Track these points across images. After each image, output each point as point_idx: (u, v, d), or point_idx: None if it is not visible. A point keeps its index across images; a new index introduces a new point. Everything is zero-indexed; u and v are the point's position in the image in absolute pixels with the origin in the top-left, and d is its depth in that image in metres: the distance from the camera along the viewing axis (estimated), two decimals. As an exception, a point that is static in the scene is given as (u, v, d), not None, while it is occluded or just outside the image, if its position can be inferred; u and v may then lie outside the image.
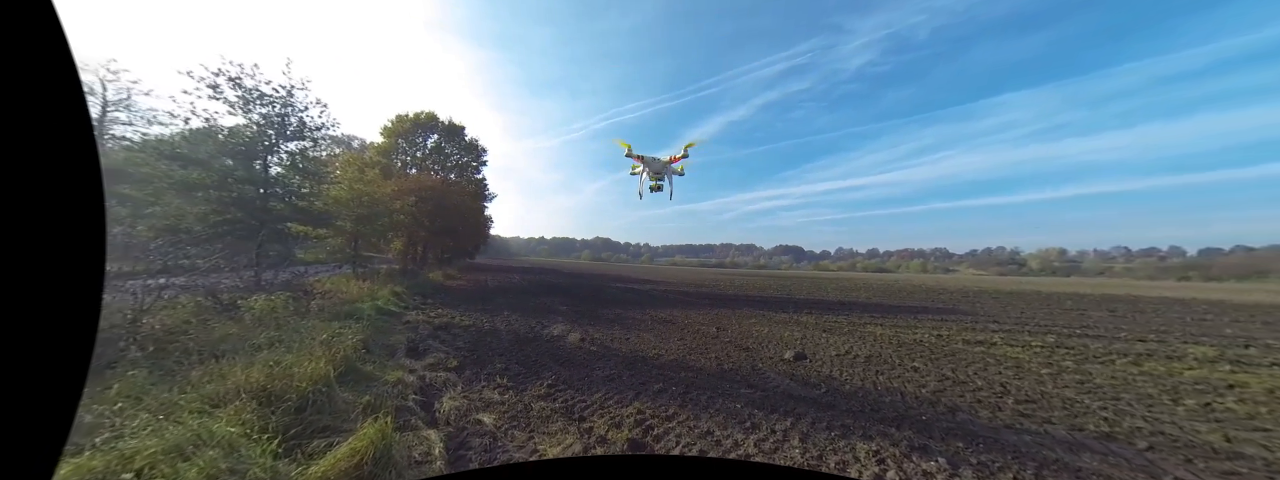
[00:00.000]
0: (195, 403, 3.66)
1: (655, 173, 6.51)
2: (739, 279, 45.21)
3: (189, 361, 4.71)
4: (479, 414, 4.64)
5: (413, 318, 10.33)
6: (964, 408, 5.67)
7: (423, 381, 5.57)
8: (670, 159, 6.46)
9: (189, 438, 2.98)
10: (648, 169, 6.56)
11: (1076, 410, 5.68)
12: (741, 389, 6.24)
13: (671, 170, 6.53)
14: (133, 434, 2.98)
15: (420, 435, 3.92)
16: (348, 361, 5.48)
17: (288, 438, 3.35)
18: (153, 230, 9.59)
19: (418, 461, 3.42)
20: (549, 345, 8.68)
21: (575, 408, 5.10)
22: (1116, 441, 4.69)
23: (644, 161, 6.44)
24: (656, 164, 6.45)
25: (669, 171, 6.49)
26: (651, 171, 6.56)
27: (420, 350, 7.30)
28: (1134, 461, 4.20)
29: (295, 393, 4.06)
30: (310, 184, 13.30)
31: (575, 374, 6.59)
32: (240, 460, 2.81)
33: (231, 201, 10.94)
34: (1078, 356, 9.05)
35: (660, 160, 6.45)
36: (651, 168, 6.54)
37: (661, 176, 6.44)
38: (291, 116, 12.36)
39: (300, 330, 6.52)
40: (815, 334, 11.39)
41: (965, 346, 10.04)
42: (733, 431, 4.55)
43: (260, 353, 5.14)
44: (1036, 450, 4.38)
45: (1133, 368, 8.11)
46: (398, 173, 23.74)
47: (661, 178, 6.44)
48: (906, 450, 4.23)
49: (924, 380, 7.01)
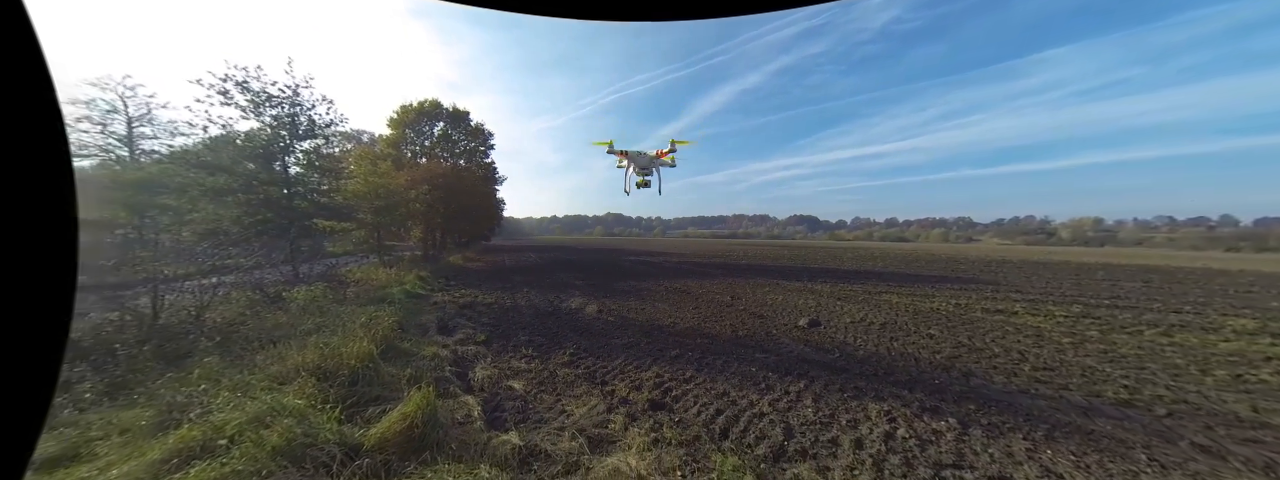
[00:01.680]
0: (264, 381, 4.19)
1: (641, 168, 6.29)
2: (752, 249, 45.17)
3: (251, 347, 5.30)
4: (509, 381, 5.11)
5: (439, 299, 10.98)
6: (979, 373, 5.72)
7: (455, 355, 6.09)
8: (657, 154, 6.19)
9: (265, 410, 3.46)
10: (633, 164, 6.34)
11: (1096, 378, 5.58)
12: (756, 354, 6.52)
13: (660, 164, 6.30)
14: (218, 409, 3.48)
15: (460, 401, 4.40)
16: (387, 340, 6.00)
17: (346, 407, 3.83)
18: (196, 235, 10.51)
19: (459, 423, 3.88)
20: (568, 318, 9.17)
21: (597, 373, 5.52)
22: (1135, 408, 4.62)
23: (628, 157, 6.19)
24: (642, 159, 6.21)
25: (657, 165, 6.25)
26: (638, 167, 6.34)
27: (450, 328, 7.87)
28: (1150, 427, 4.16)
29: (346, 369, 4.56)
30: (329, 180, 13.94)
31: (595, 343, 7.03)
32: (310, 427, 3.28)
33: (260, 203, 11.70)
34: (1104, 326, 8.70)
35: (646, 155, 6.17)
36: (637, 163, 6.32)
37: (649, 171, 6.23)
38: (301, 115, 12.74)
39: (341, 315, 7.11)
40: (830, 302, 11.48)
41: (984, 315, 9.90)
42: (748, 392, 4.85)
43: (310, 337, 5.69)
44: (1050, 414, 4.42)
45: (1162, 338, 7.76)
46: (408, 163, 24.02)
47: (649, 173, 6.24)
48: (918, 411, 4.39)
49: (939, 347, 7.06)
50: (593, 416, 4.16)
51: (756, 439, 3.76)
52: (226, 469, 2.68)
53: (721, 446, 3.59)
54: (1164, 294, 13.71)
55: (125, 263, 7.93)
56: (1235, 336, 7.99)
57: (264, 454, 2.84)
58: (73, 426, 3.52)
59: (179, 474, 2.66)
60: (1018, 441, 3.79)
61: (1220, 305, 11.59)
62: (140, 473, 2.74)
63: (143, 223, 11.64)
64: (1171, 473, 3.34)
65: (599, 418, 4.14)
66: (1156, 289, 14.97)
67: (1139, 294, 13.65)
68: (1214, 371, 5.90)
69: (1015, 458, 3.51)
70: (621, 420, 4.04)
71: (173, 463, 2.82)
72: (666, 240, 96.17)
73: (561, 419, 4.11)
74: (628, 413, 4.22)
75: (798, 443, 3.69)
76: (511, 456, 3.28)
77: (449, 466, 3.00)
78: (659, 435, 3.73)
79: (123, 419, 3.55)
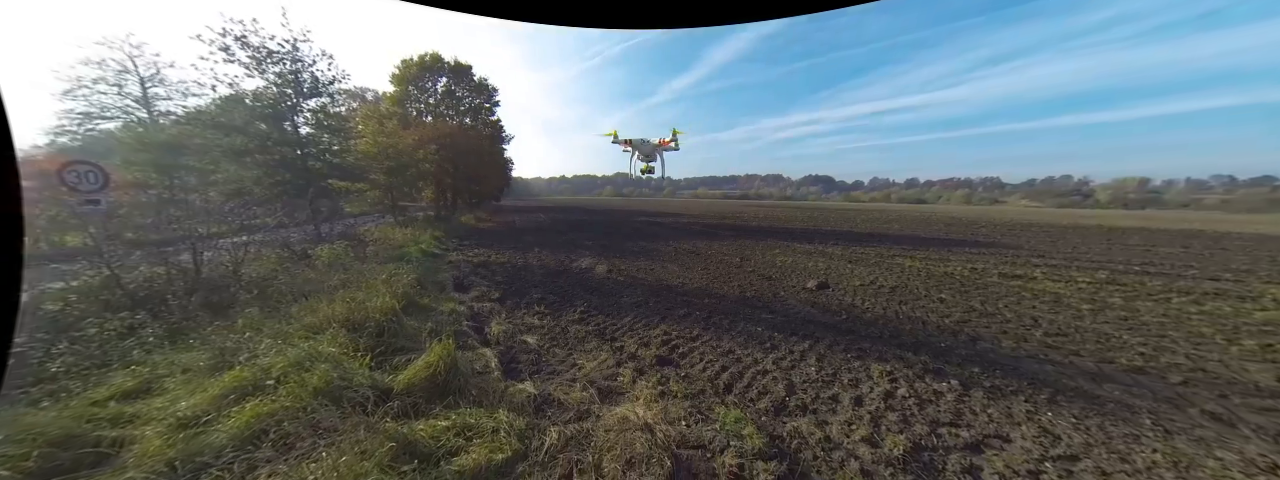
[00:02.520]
0: (300, 331, 4.53)
1: (645, 155, 6.67)
2: (764, 211, 44.21)
3: (285, 300, 5.67)
4: (523, 336, 5.41)
5: (454, 258, 11.36)
6: (986, 337, 5.68)
7: (472, 310, 6.42)
8: (660, 142, 6.50)
9: (303, 356, 3.77)
10: (638, 152, 6.70)
11: (1111, 345, 5.46)
12: (763, 314, 6.63)
13: (663, 151, 6.63)
14: (263, 354, 3.81)
15: (478, 352, 4.71)
16: (407, 296, 6.33)
17: (375, 355, 4.15)
18: (223, 195, 11.03)
19: (479, 372, 4.18)
20: (578, 277, 9.42)
21: (606, 330, 5.77)
22: (1148, 375, 4.54)
23: (632, 145, 6.61)
24: (646, 147, 6.61)
25: (660, 152, 6.62)
26: (641, 154, 6.72)
27: (465, 285, 8.22)
28: (1161, 394, 4.10)
29: (372, 322, 4.87)
30: (339, 141, 14.11)
31: (605, 301, 7.28)
32: (345, 372, 3.59)
33: (277, 164, 12.03)
34: (1128, 293, 8.36)
35: (650, 143, 6.54)
36: (641, 151, 6.71)
37: (652, 158, 6.62)
38: (303, 73, 12.64)
39: (363, 272, 7.46)
40: (840, 265, 11.34)
41: (1000, 280, 9.62)
42: (753, 351, 5.00)
43: (337, 292, 6.03)
44: (1056, 379, 4.39)
45: (1191, 306, 7.43)
46: (415, 121, 23.57)
47: (652, 159, 6.64)
48: (920, 372, 4.45)
49: (949, 311, 6.98)
50: (602, 370, 4.42)
51: (759, 394, 3.94)
52: (276, 405, 3.00)
53: (725, 400, 3.80)
54: (1204, 260, 12.93)
55: (161, 222, 8.35)
56: (1275, 305, 7.58)
57: (306, 393, 3.15)
58: (143, 365, 3.95)
59: (237, 407, 2.99)
60: (1019, 403, 3.85)
61: (1265, 273, 10.93)
62: (206, 405, 3.09)
63: (172, 183, 12.14)
64: (1175, 437, 3.37)
65: (608, 371, 4.39)
66: (1196, 255, 14.13)
67: (1175, 260, 12.92)
68: (1242, 341, 5.70)
69: (1014, 418, 3.59)
70: (630, 374, 4.28)
71: (230, 398, 3.16)
72: (677, 201, 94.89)
73: (573, 371, 4.38)
74: (636, 367, 4.46)
75: (799, 398, 3.86)
76: (527, 403, 3.56)
77: (471, 410, 3.28)
78: (665, 388, 3.96)
79: (183, 360, 3.94)
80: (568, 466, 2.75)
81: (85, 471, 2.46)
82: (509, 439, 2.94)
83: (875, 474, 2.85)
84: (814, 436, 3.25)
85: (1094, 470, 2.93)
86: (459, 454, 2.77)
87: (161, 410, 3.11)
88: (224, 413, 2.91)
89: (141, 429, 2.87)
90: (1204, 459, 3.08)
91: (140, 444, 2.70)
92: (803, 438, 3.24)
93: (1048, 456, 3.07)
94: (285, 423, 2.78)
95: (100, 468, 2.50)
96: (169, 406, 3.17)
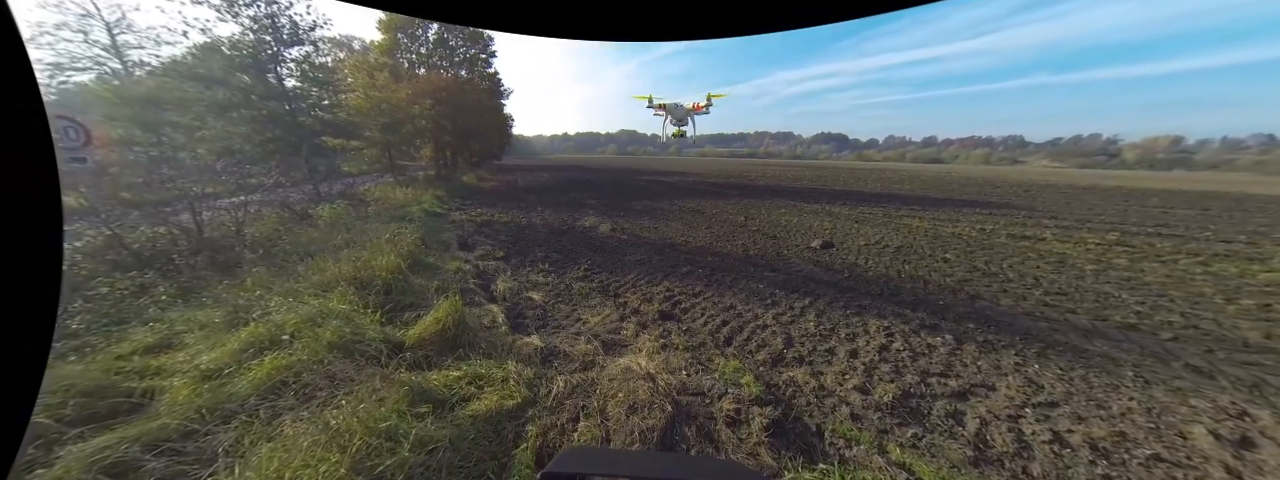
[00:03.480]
0: (309, 289, 4.61)
1: (678, 119, 7.24)
2: (772, 170, 43.12)
3: (291, 260, 5.72)
4: (528, 293, 5.50)
5: (457, 217, 11.30)
6: (986, 296, 5.72)
7: (477, 269, 6.48)
8: (693, 106, 6.98)
9: (315, 313, 3.87)
10: (670, 115, 7.27)
11: (1109, 304, 5.51)
12: (765, 272, 6.67)
13: (695, 114, 7.16)
14: (275, 311, 3.90)
15: (485, 309, 4.82)
16: (412, 255, 6.36)
17: (385, 312, 4.26)
18: (212, 153, 10.67)
19: (486, 327, 4.31)
20: (582, 236, 9.40)
21: (610, 287, 5.85)
22: (1139, 332, 4.61)
23: (666, 109, 7.16)
24: (680, 111, 7.11)
25: (692, 115, 7.13)
26: (674, 118, 7.29)
27: (470, 244, 8.25)
28: (1149, 349, 4.19)
29: (379, 280, 4.93)
30: (329, 94, 13.33)
31: (608, 259, 7.31)
32: (357, 327, 3.69)
33: (265, 120, 11.55)
34: (1136, 255, 8.31)
35: (684, 107, 7.03)
36: (674, 115, 7.25)
37: (684, 122, 7.15)
38: (280, 17, 11.76)
39: (366, 232, 7.45)
40: (847, 225, 11.20)
41: (1008, 241, 9.52)
42: (754, 307, 5.09)
43: (342, 251, 6.06)
44: (1048, 335, 4.48)
45: (1197, 267, 7.39)
46: (407, 74, 22.06)
47: (685, 123, 7.17)
48: (916, 328, 4.54)
49: (952, 270, 6.98)
50: (606, 324, 4.53)
51: (758, 347, 4.07)
52: (293, 358, 3.12)
53: (724, 352, 3.93)
54: (1221, 222, 12.65)
55: (153, 181, 8.18)
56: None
57: (321, 347, 3.26)
58: (160, 322, 4.09)
59: (256, 360, 3.12)
60: (1008, 357, 3.97)
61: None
62: (226, 359, 3.23)
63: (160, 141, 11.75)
64: (1153, 387, 3.49)
65: (612, 326, 4.51)
66: (1214, 217, 13.81)
67: (1191, 222, 12.66)
68: (1240, 300, 5.73)
69: (1001, 370, 3.72)
70: (633, 328, 4.40)
71: (249, 352, 3.29)
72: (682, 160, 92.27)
73: (578, 326, 4.51)
74: (639, 322, 4.57)
75: (796, 351, 3.99)
76: (535, 355, 3.70)
77: (481, 361, 3.42)
78: (667, 341, 4.08)
79: (199, 317, 4.06)
80: (574, 411, 2.90)
81: (122, 418, 2.63)
82: (518, 387, 3.08)
83: (864, 418, 3.00)
84: (809, 385, 3.39)
85: (1070, 415, 3.09)
86: (472, 401, 2.92)
87: (185, 364, 3.26)
88: (244, 365, 3.04)
89: (168, 380, 3.02)
90: (1177, 406, 3.22)
91: (169, 394, 2.86)
92: (798, 386, 3.39)
93: (1029, 404, 3.22)
94: (304, 374, 2.90)
95: (136, 414, 2.67)
96: (191, 360, 3.32)
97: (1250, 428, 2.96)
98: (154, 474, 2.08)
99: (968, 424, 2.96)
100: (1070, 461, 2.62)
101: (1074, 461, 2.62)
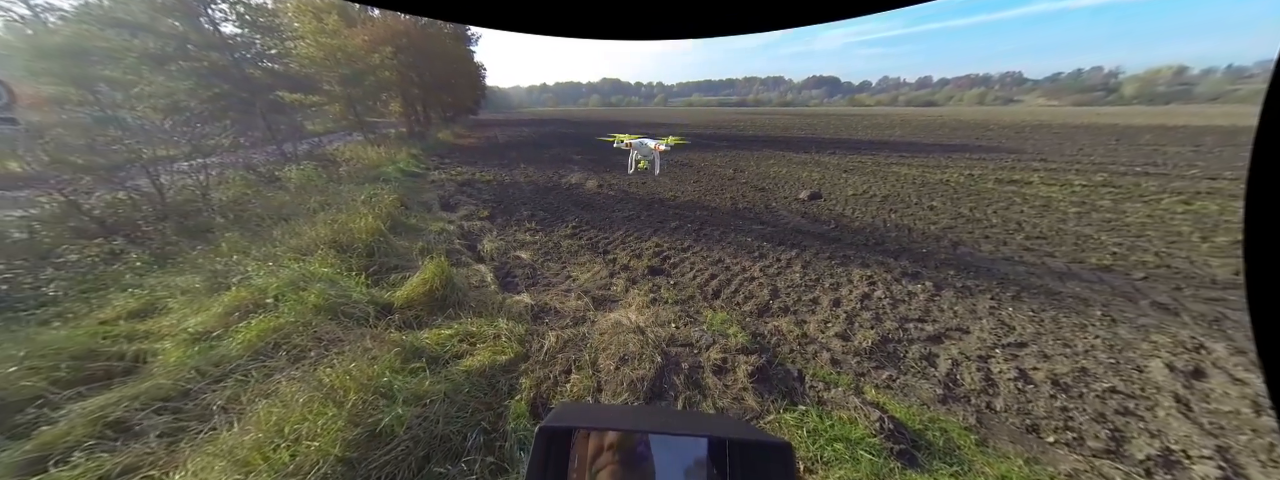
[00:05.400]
0: (288, 253, 4.48)
1: (644, 156, 7.66)
2: (761, 119, 41.75)
3: (264, 224, 5.49)
4: (516, 252, 5.46)
5: (436, 177, 10.81)
6: (968, 243, 5.82)
7: (462, 229, 6.35)
8: (657, 147, 7.56)
9: (297, 276, 3.79)
10: (636, 151, 7.68)
11: (1087, 246, 5.63)
12: (753, 225, 6.65)
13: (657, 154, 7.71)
14: (256, 275, 3.81)
15: (473, 269, 4.79)
16: (392, 217, 6.16)
17: (369, 275, 4.20)
18: (157, 111, 9.72)
19: (476, 286, 4.31)
20: (568, 193, 9.16)
21: (599, 244, 5.82)
22: (1113, 273, 4.76)
23: (632, 147, 7.66)
24: (644, 148, 7.53)
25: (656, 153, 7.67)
26: (639, 154, 7.68)
27: (452, 204, 7.99)
28: (1119, 288, 4.34)
29: (360, 243, 4.81)
30: (274, 42, 12.06)
31: (596, 216, 7.20)
32: (342, 290, 3.65)
33: (208, 72, 10.42)
34: (1120, 195, 8.40)
35: (648, 145, 7.50)
36: (639, 151, 7.63)
37: (650, 159, 7.69)
38: None
39: (341, 194, 7.11)
40: (835, 174, 11.06)
41: (996, 186, 9.53)
42: (742, 260, 5.13)
43: (317, 214, 5.81)
44: (1024, 278, 4.62)
45: (1179, 206, 7.46)
46: (360, 17, 19.45)
47: (650, 160, 7.71)
48: (898, 276, 4.65)
49: (937, 218, 7.04)
50: (596, 281, 4.58)
51: (744, 298, 4.18)
52: (281, 320, 3.11)
53: (712, 304, 4.03)
54: (1211, 158, 12.68)
55: (98, 144, 7.47)
56: None
57: (307, 309, 3.25)
58: (140, 288, 4.00)
59: (243, 323, 3.11)
60: (984, 301, 4.14)
61: None
62: (212, 322, 3.21)
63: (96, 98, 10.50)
64: (1118, 325, 3.70)
65: (602, 282, 4.56)
66: (1206, 153, 13.82)
67: (1180, 160, 12.66)
68: (1216, 238, 5.87)
69: (976, 314, 3.90)
70: (623, 284, 4.45)
71: (235, 315, 3.27)
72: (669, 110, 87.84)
73: (568, 283, 4.54)
74: (628, 278, 4.62)
75: (782, 302, 4.11)
76: (525, 313, 3.76)
77: (472, 320, 3.46)
78: (657, 296, 4.16)
79: (179, 283, 3.97)
80: (567, 364, 3.03)
81: (118, 379, 2.66)
82: (510, 343, 3.17)
83: (843, 363, 3.19)
84: (792, 333, 3.55)
85: (1037, 354, 3.30)
86: (465, 357, 3.01)
87: (172, 328, 3.24)
88: (232, 328, 3.03)
89: (157, 344, 3.02)
90: (1139, 342, 3.45)
91: (161, 356, 2.87)
92: (782, 335, 3.54)
93: (999, 344, 3.42)
94: (293, 336, 2.91)
95: (131, 376, 2.70)
96: (178, 324, 3.30)
97: (1204, 360, 3.18)
98: (155, 429, 2.15)
99: (940, 365, 3.16)
100: (1032, 396, 2.82)
101: (1035, 396, 2.82)
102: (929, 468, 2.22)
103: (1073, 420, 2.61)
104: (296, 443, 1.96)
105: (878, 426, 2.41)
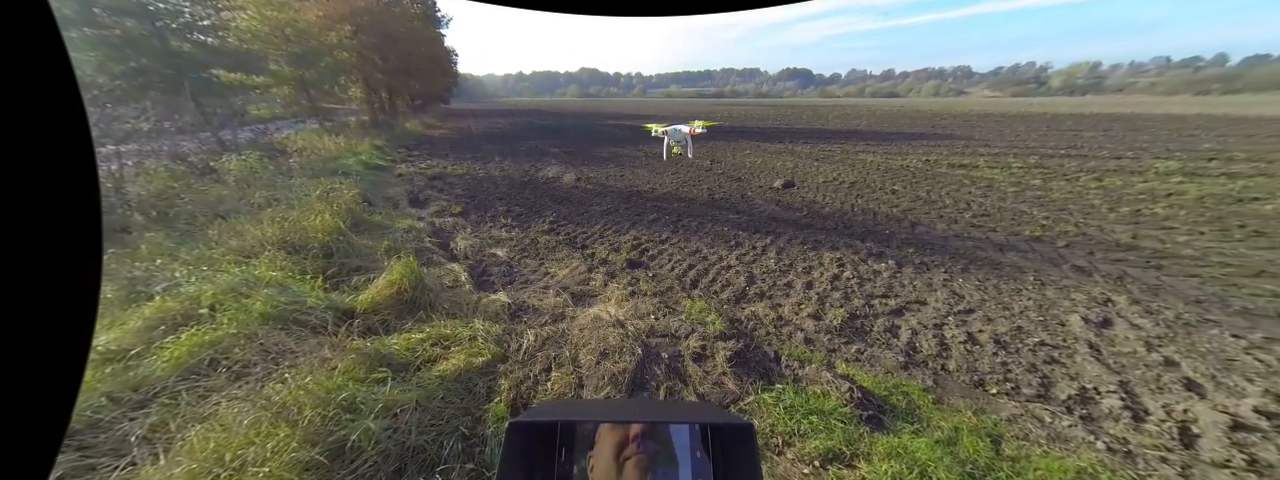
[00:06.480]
0: (228, 256, 4.03)
1: (677, 142, 8.06)
2: (737, 111, 42.69)
3: (196, 223, 4.91)
4: (492, 249, 5.21)
5: (403, 170, 10.17)
6: (925, 222, 6.30)
7: (433, 227, 5.99)
8: (690, 131, 8.01)
9: (239, 282, 3.41)
10: (670, 138, 8.07)
11: (1022, 221, 6.34)
12: (729, 215, 6.74)
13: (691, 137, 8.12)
14: (185, 282, 3.39)
15: (446, 268, 4.52)
16: (353, 214, 5.70)
17: (328, 277, 3.86)
18: None
19: (449, 286, 4.07)
20: (545, 187, 8.86)
21: (577, 238, 5.66)
22: (1043, 242, 5.43)
23: (667, 134, 8.08)
24: (678, 134, 7.96)
25: (688, 139, 8.06)
26: (674, 141, 8.06)
27: (421, 200, 7.53)
28: (1047, 255, 4.97)
29: (316, 243, 4.40)
30: (207, 12, 10.59)
31: (574, 211, 7.00)
32: (294, 296, 3.32)
33: (121, 43, 8.90)
34: (1047, 175, 9.47)
35: (681, 131, 7.93)
36: (673, 138, 8.04)
37: (683, 143, 8.06)
38: None
39: (292, 188, 6.49)
40: (808, 163, 11.44)
41: (949, 170, 10.30)
42: (719, 249, 5.18)
43: (263, 211, 5.27)
44: (972, 252, 5.12)
45: (1093, 183, 8.57)
46: None
47: (683, 145, 8.09)
48: (864, 256, 4.92)
49: (898, 201, 7.50)
50: (575, 276, 4.44)
51: (722, 286, 4.21)
52: (218, 332, 2.78)
53: (691, 294, 4.03)
54: (1115, 142, 14.88)
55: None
56: (1155, 177, 9.08)
57: (252, 319, 2.92)
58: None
59: (170, 338, 2.74)
60: (939, 275, 4.45)
61: (1157, 150, 12.73)
62: (129, 338, 2.81)
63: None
64: (1046, 288, 4.16)
65: (581, 277, 4.43)
66: (1112, 137, 16.12)
67: (1094, 143, 14.66)
68: (1120, 209, 6.85)
69: (932, 287, 4.17)
70: (602, 278, 4.35)
71: (159, 329, 2.88)
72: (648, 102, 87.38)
73: (546, 280, 4.38)
74: (607, 272, 4.51)
75: (757, 288, 4.17)
76: (502, 312, 3.58)
77: (445, 322, 3.26)
78: (636, 288, 4.09)
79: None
80: (546, 362, 2.90)
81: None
82: (487, 345, 3.00)
83: (816, 341, 3.30)
84: (768, 317, 3.60)
85: (982, 318, 3.62)
86: (438, 361, 2.81)
87: (86, 345, 2.82)
88: (156, 345, 2.67)
89: (67, 365, 2.62)
90: (1061, 300, 3.91)
91: (72, 379, 2.49)
92: (759, 319, 3.59)
93: (952, 313, 3.70)
94: (234, 350, 2.60)
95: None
96: (96, 341, 2.88)
97: (1110, 311, 3.71)
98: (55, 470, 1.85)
99: (901, 335, 3.38)
100: (978, 355, 3.13)
101: (981, 355, 3.13)
102: (893, 429, 2.36)
103: (1011, 373, 2.93)
104: (240, 471, 1.75)
105: (848, 396, 2.52)
